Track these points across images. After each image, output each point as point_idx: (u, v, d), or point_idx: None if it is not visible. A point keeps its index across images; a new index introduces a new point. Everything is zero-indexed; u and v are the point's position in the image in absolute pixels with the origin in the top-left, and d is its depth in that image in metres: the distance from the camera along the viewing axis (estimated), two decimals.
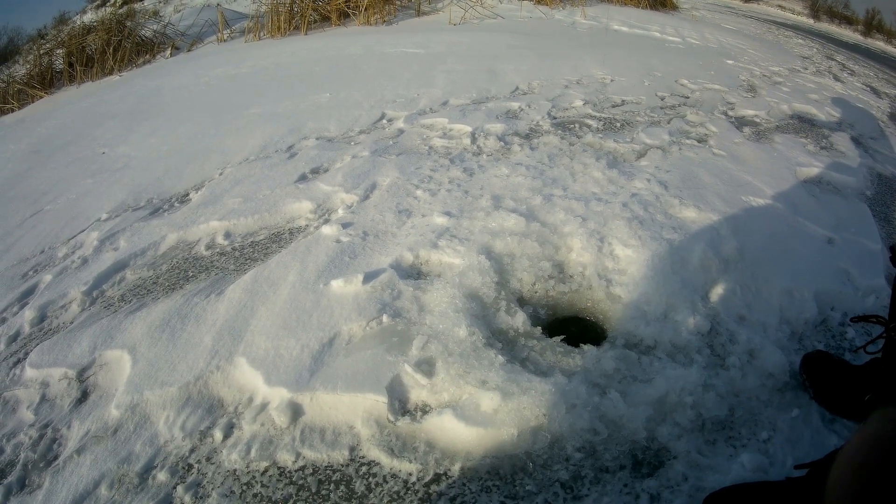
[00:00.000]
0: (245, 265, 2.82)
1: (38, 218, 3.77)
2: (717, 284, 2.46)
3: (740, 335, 2.17)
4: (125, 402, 2.01)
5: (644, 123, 4.63)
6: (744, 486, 1.56)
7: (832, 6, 25.90)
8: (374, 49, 7.93)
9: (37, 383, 2.21)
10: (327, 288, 2.46)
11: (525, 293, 2.42)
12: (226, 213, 3.33)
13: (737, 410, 1.90)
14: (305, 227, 3.13)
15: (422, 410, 1.89)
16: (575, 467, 1.69)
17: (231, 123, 5.19)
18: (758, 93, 6.03)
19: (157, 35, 11.36)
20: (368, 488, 1.67)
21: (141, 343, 2.30)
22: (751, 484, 1.56)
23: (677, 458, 1.72)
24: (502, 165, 3.60)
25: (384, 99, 5.49)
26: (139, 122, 5.77)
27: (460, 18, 10.16)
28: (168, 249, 3.11)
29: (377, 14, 10.65)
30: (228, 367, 2.11)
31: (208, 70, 7.98)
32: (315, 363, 2.06)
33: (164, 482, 1.74)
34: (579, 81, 5.98)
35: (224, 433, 1.88)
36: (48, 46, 11.32)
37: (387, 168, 3.70)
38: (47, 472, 1.82)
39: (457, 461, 1.72)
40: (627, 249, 2.58)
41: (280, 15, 10.48)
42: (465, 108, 5.03)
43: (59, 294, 2.79)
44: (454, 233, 2.77)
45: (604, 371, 1.96)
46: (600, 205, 2.97)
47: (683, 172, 3.53)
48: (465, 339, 2.05)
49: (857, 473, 0.54)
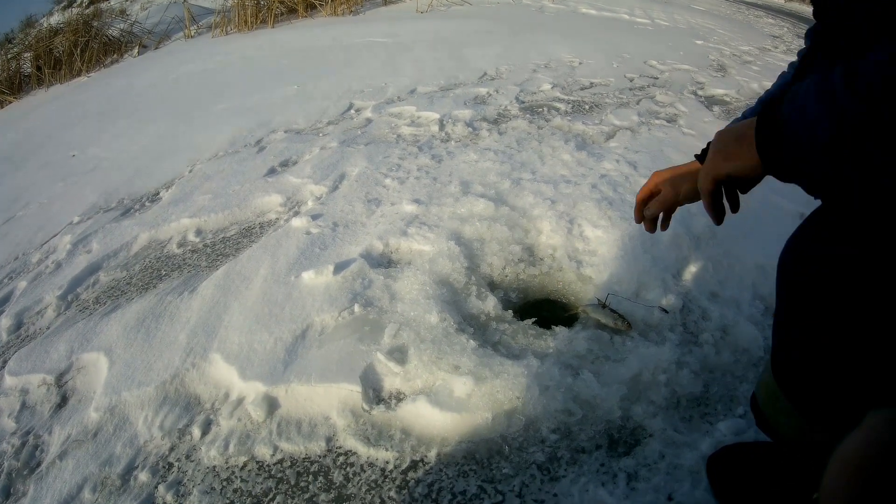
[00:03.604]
0: (217, 261, 2.82)
1: (11, 225, 3.74)
2: (688, 262, 2.48)
3: (713, 312, 2.20)
4: (104, 405, 2.01)
5: (613, 105, 4.66)
6: (744, 445, 1.57)
7: None
8: (341, 40, 7.90)
9: (16, 391, 2.21)
10: (299, 280, 2.46)
11: (496, 277, 2.44)
12: (196, 210, 3.32)
13: (711, 387, 1.92)
14: (276, 221, 3.13)
15: (396, 398, 1.91)
16: (551, 449, 1.71)
17: (200, 120, 5.16)
18: (728, 72, 6.07)
19: (124, 34, 11.22)
20: (346, 478, 1.69)
21: (117, 344, 2.29)
22: (750, 443, 1.56)
23: (653, 436, 1.74)
24: (471, 151, 3.61)
25: (352, 89, 5.49)
26: (109, 123, 5.72)
27: (427, 6, 10.13)
28: (140, 249, 3.10)
29: (344, 4, 10.60)
30: (204, 364, 2.11)
31: (176, 67, 7.91)
32: (289, 355, 2.07)
33: (145, 482, 1.75)
34: (547, 65, 6.00)
35: (202, 430, 1.89)
36: (16, 50, 11.16)
37: (355, 158, 3.71)
38: (31, 479, 1.82)
39: (433, 447, 1.74)
40: (597, 230, 2.60)
41: (247, 9, 10.40)
42: (433, 96, 5.04)
43: (35, 300, 2.78)
44: (423, 220, 2.79)
45: (576, 352, 1.98)
46: (569, 187, 2.99)
47: (653, 152, 3.56)
48: (436, 325, 2.07)
49: (854, 477, 0.54)
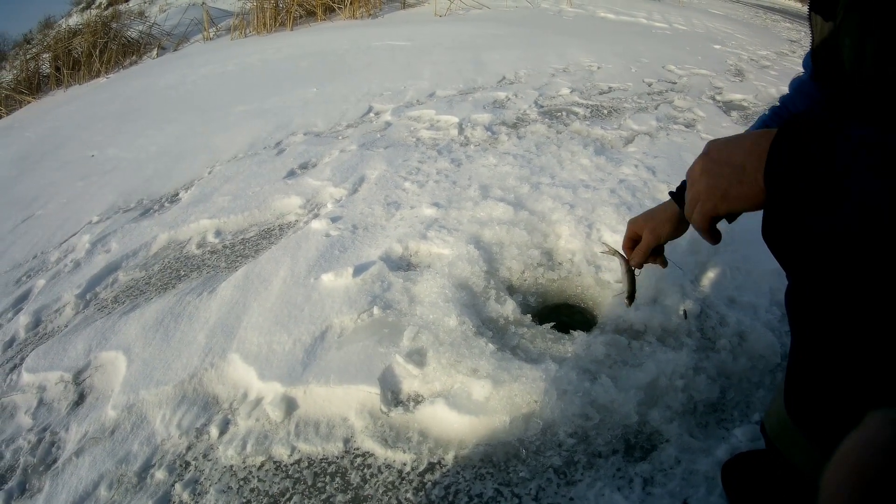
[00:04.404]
0: (236, 262, 2.83)
1: (30, 223, 3.78)
2: (706, 268, 2.47)
3: (730, 317, 2.18)
4: (121, 403, 2.03)
5: (631, 110, 4.64)
6: (760, 452, 1.55)
7: None
8: (360, 43, 7.92)
9: (34, 388, 2.22)
10: (318, 282, 2.47)
11: (514, 281, 2.43)
12: (216, 211, 3.34)
13: (728, 392, 1.91)
14: (295, 223, 3.14)
15: (414, 400, 1.90)
16: (567, 453, 1.70)
17: (219, 121, 5.19)
18: (745, 77, 6.04)
19: (142, 36, 11.33)
20: (363, 479, 1.69)
21: (135, 343, 2.31)
22: (765, 450, 1.53)
23: (669, 441, 1.73)
24: (490, 155, 3.61)
25: (371, 92, 5.49)
26: (127, 124, 5.77)
27: (446, 10, 10.16)
28: (159, 249, 3.12)
29: (362, 7, 10.64)
30: (222, 364, 2.12)
31: (195, 69, 7.96)
32: (308, 357, 2.07)
33: (162, 480, 1.76)
34: (566, 69, 5.98)
35: (220, 429, 1.89)
36: (34, 51, 11.30)
37: (375, 161, 3.71)
38: (47, 475, 1.84)
39: (450, 450, 1.73)
40: (616, 235, 2.59)
41: (265, 11, 10.47)
42: (452, 99, 5.03)
43: (53, 298, 2.80)
44: (443, 223, 2.78)
45: (594, 357, 1.97)
46: (588, 191, 2.98)
47: (671, 157, 3.54)
48: (455, 328, 2.07)
49: (855, 478, 0.53)
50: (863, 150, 0.70)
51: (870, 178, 0.68)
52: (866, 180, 0.69)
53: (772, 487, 1.42)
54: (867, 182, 0.69)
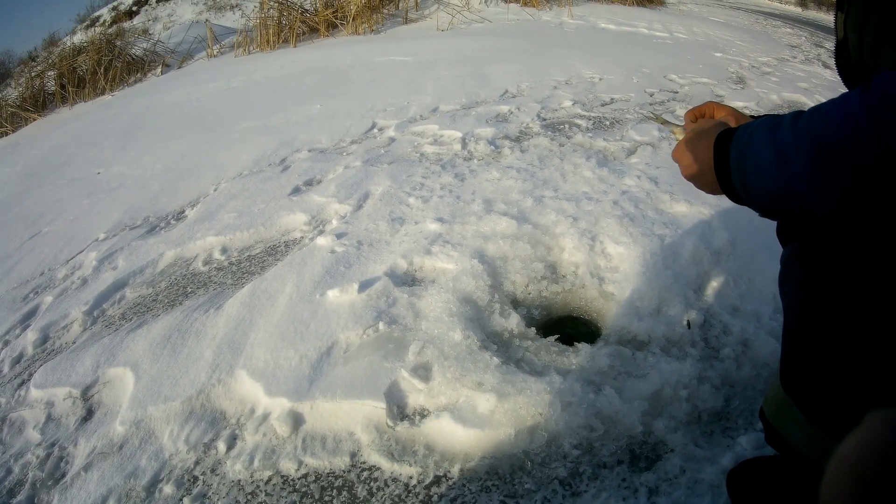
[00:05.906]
0: (242, 279, 2.86)
1: (37, 240, 3.81)
2: (709, 277, 2.47)
3: (734, 326, 2.18)
4: (129, 418, 2.04)
5: (633, 121, 4.66)
6: (764, 459, 1.55)
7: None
8: (363, 58, 7.97)
9: (42, 403, 2.25)
10: (324, 298, 2.49)
11: (518, 295, 2.45)
12: (222, 228, 3.36)
13: (732, 401, 1.91)
14: (300, 239, 3.17)
15: (420, 414, 1.92)
16: (573, 464, 1.71)
17: (224, 138, 5.23)
18: (747, 84, 6.06)
19: (147, 53, 11.41)
20: (370, 493, 1.70)
21: (143, 360, 2.33)
22: (770, 457, 1.54)
23: (674, 451, 1.74)
24: (493, 169, 3.63)
25: (374, 108, 5.53)
26: (133, 141, 5.81)
27: (448, 24, 10.20)
28: (166, 266, 3.15)
29: (365, 23, 10.69)
30: (229, 380, 2.14)
31: (199, 86, 8.02)
32: (314, 372, 2.09)
33: (170, 495, 1.77)
34: (568, 82, 6.01)
35: (227, 445, 1.91)
36: (39, 68, 11.40)
37: (379, 177, 3.74)
38: (55, 490, 1.85)
39: (456, 463, 1.74)
40: (619, 247, 2.61)
41: (269, 28, 10.53)
42: (455, 114, 5.07)
43: (61, 315, 2.83)
44: (447, 238, 2.80)
45: (598, 368, 1.98)
46: (591, 204, 3.00)
47: (674, 168, 3.54)
48: (460, 342, 2.08)
49: (854, 478, 0.54)
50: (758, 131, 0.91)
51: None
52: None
53: (777, 494, 1.43)
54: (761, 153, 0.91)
